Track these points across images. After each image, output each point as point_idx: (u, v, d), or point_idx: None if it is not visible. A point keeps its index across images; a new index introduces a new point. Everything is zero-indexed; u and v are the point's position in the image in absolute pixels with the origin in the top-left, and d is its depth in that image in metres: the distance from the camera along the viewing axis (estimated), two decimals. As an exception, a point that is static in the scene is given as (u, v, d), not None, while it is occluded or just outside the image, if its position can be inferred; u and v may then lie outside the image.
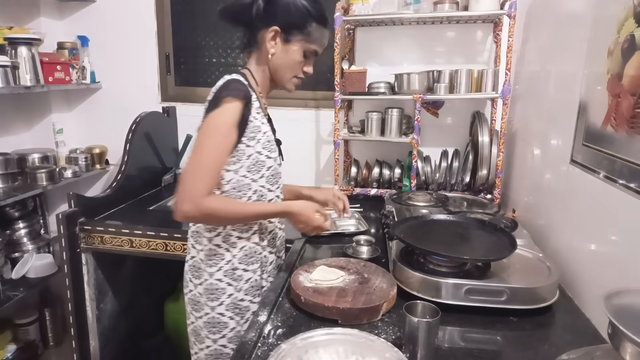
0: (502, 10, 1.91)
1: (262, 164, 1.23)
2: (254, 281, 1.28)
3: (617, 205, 1.06)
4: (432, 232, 1.32)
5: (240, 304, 1.26)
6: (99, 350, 2.08)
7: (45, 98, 2.58)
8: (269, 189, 1.27)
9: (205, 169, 1.12)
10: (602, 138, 1.15)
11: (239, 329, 1.26)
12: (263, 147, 1.22)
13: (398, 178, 2.21)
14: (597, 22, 1.24)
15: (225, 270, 1.24)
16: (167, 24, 2.63)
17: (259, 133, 1.21)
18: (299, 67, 1.24)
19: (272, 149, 1.25)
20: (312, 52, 1.23)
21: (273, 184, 1.28)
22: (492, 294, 1.08)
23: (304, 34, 1.19)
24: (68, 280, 1.93)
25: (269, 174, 1.26)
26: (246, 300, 1.27)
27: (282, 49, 1.20)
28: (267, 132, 1.23)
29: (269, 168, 1.25)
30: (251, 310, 1.27)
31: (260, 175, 1.24)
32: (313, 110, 2.46)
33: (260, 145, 1.21)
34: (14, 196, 2.03)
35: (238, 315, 1.26)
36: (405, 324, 0.90)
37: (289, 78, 1.25)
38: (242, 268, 1.26)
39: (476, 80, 2.00)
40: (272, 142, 1.26)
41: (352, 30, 2.30)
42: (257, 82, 1.26)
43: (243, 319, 1.27)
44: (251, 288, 1.27)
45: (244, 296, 1.26)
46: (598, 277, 1.14)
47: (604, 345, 0.89)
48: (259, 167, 1.23)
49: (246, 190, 1.22)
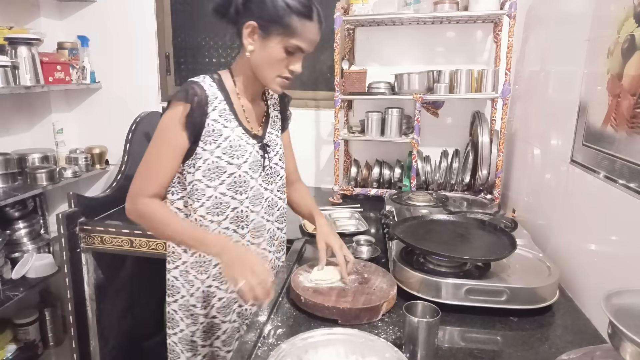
0: (502, 10, 1.91)
1: (221, 169, 1.15)
2: (202, 292, 1.23)
3: (617, 205, 1.06)
4: (432, 232, 1.32)
5: (191, 309, 1.25)
6: (99, 350, 2.08)
7: (45, 98, 2.58)
8: (232, 196, 1.18)
9: (146, 170, 1.13)
10: (602, 138, 1.15)
11: (187, 331, 1.26)
12: (223, 152, 1.15)
13: (398, 178, 2.21)
14: (597, 22, 1.24)
15: (180, 270, 1.24)
16: (167, 24, 2.63)
17: (219, 137, 1.14)
18: (281, 65, 1.12)
19: (236, 154, 1.16)
20: (296, 47, 1.09)
21: (238, 192, 1.18)
22: (492, 294, 1.08)
23: (283, 28, 1.07)
24: (68, 280, 1.93)
25: (231, 181, 1.17)
26: (198, 307, 1.24)
27: (260, 45, 1.10)
28: (230, 137, 1.15)
29: (230, 175, 1.16)
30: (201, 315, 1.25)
31: (220, 181, 1.16)
32: (313, 110, 2.46)
33: (220, 150, 1.14)
34: (14, 196, 2.03)
35: (189, 319, 1.25)
36: (405, 324, 0.90)
37: (272, 77, 1.13)
38: (193, 275, 1.23)
39: (476, 80, 2.00)
40: (237, 148, 1.16)
41: (352, 30, 2.30)
42: (237, 82, 1.20)
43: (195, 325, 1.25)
44: (200, 295, 1.24)
45: (195, 302, 1.24)
46: (598, 277, 1.14)
47: (604, 345, 0.89)
48: (218, 173, 1.15)
49: (199, 196, 1.16)
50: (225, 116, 1.15)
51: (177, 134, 1.10)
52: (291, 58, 1.11)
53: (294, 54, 1.11)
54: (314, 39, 1.12)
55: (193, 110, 1.10)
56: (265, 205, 1.26)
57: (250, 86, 1.21)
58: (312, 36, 1.11)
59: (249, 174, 1.19)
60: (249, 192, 1.20)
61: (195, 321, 1.25)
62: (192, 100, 1.10)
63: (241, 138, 1.18)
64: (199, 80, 1.15)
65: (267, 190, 1.26)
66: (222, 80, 1.19)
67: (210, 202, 1.17)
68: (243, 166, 1.17)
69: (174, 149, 1.11)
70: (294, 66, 1.13)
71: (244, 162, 1.18)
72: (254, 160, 1.20)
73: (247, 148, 1.18)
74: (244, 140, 1.18)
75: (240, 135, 1.18)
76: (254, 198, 1.22)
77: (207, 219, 1.18)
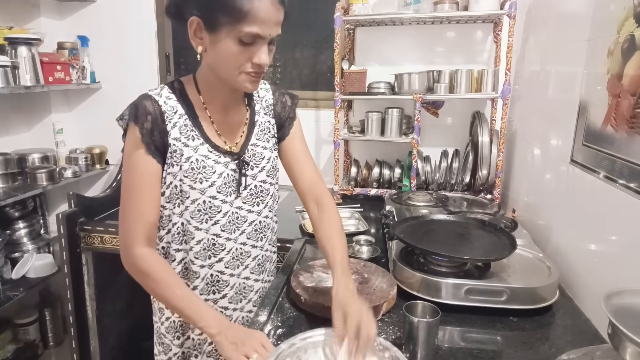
0: (502, 10, 1.91)
1: (184, 194, 1.00)
2: (173, 322, 1.13)
3: (617, 205, 1.06)
4: (432, 232, 1.32)
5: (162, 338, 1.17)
6: (99, 350, 2.08)
7: (45, 98, 2.58)
8: (196, 226, 1.03)
9: (130, 212, 0.99)
10: (602, 138, 1.15)
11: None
12: (185, 176, 0.99)
13: (398, 178, 2.21)
14: (597, 22, 1.24)
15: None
16: (167, 24, 2.63)
17: (181, 158, 0.99)
18: (241, 59, 0.91)
19: (199, 178, 1.00)
20: (250, 35, 0.88)
21: (202, 221, 1.03)
22: (492, 294, 1.08)
23: (228, 16, 0.86)
24: (68, 280, 1.93)
25: (194, 208, 1.01)
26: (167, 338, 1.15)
27: (210, 41, 0.91)
28: (191, 158, 0.99)
29: (193, 201, 1.01)
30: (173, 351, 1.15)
31: (184, 207, 1.01)
32: (313, 110, 2.46)
33: (181, 172, 0.99)
34: (14, 196, 2.03)
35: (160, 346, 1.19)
36: (405, 324, 0.90)
37: (234, 76, 0.94)
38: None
39: (476, 80, 2.00)
40: (200, 170, 1.00)
41: (352, 30, 2.30)
42: (202, 90, 1.02)
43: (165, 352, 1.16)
44: (171, 328, 1.14)
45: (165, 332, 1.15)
46: (598, 277, 1.15)
47: (604, 345, 0.89)
48: (181, 199, 1.01)
49: (166, 223, 1.04)
50: (186, 133, 1.00)
51: (142, 160, 0.96)
52: (251, 48, 0.90)
53: (253, 43, 0.90)
54: (271, 18, 0.88)
55: (149, 131, 0.96)
56: (249, 230, 1.10)
57: (217, 93, 1.02)
58: (267, 15, 0.87)
59: (219, 197, 1.03)
60: (221, 219, 1.05)
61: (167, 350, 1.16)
62: (144, 120, 0.96)
63: (207, 157, 1.01)
64: (153, 94, 1.00)
65: (251, 212, 1.09)
66: (185, 89, 1.03)
67: (175, 229, 1.04)
68: (209, 190, 1.02)
69: (148, 177, 0.98)
70: (257, 58, 0.91)
71: (210, 185, 1.02)
72: (227, 181, 1.04)
73: (215, 168, 1.02)
74: (212, 160, 1.02)
75: (206, 154, 1.01)
76: (229, 224, 1.06)
77: (172, 247, 1.06)
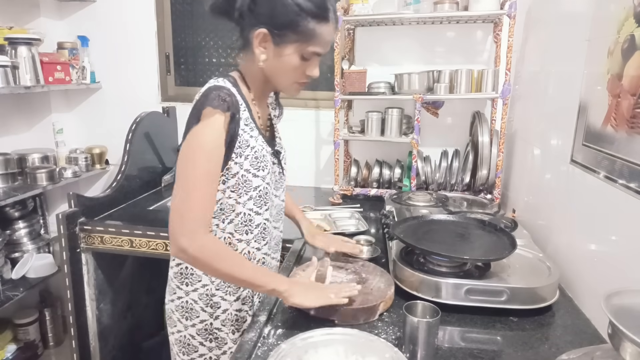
0: (502, 10, 1.91)
1: (249, 184, 1.08)
2: (230, 314, 1.16)
3: (617, 205, 1.06)
4: (432, 232, 1.32)
5: (216, 332, 1.17)
6: (99, 350, 2.08)
7: (45, 98, 2.58)
8: (257, 211, 1.12)
9: (200, 199, 0.99)
10: (602, 138, 1.15)
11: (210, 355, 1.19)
12: (250, 165, 1.06)
13: (398, 178, 2.21)
14: (597, 22, 1.24)
15: (200, 293, 1.15)
16: (167, 24, 2.63)
17: (247, 149, 1.06)
18: (298, 72, 1.04)
19: (261, 166, 1.09)
20: (312, 53, 1.01)
21: (261, 205, 1.12)
22: (492, 294, 1.08)
23: (298, 35, 0.98)
24: (68, 280, 1.93)
25: (256, 194, 1.10)
26: (223, 331, 1.17)
27: (274, 53, 1.01)
28: (255, 147, 1.07)
29: (256, 188, 1.09)
30: (228, 344, 1.18)
31: (248, 197, 1.09)
32: (313, 110, 2.46)
33: (247, 162, 1.06)
34: (14, 196, 2.03)
35: (212, 342, 1.19)
36: (405, 324, 0.90)
37: (289, 85, 1.07)
38: (220, 296, 1.15)
39: (476, 80, 2.00)
40: (262, 159, 1.09)
41: (352, 30, 2.30)
42: (250, 86, 1.11)
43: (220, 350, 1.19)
44: (227, 320, 1.17)
45: (220, 325, 1.17)
46: (598, 277, 1.14)
47: (604, 345, 0.89)
48: (246, 188, 1.08)
49: (229, 213, 1.09)
50: (249, 124, 1.07)
51: (217, 149, 1.00)
52: (308, 63, 1.04)
53: (311, 59, 1.03)
54: (331, 40, 1.03)
55: (233, 119, 1.00)
56: (274, 213, 1.21)
57: (264, 92, 1.15)
58: (329, 38, 1.02)
59: (271, 185, 1.14)
60: (271, 206, 1.16)
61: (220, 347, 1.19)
62: (229, 107, 0.99)
63: (263, 148, 1.10)
64: (225, 85, 1.03)
65: (276, 197, 1.21)
66: (238, 84, 1.09)
67: (239, 219, 1.10)
68: (267, 178, 1.11)
69: (216, 166, 1.00)
70: (311, 71, 1.05)
71: (267, 173, 1.11)
72: (272, 170, 1.15)
73: (267, 158, 1.11)
74: (265, 150, 1.11)
75: (262, 144, 1.10)
76: (275, 213, 1.19)
77: (235, 237, 1.12)
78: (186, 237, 0.97)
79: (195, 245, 0.97)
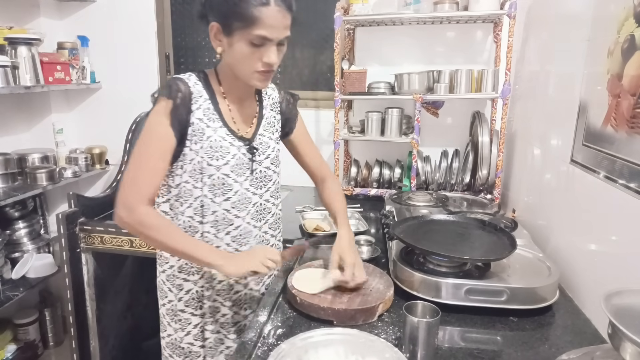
0: (502, 10, 1.91)
1: (204, 170, 1.13)
2: (194, 293, 1.22)
3: (617, 205, 1.06)
4: (432, 232, 1.32)
5: (179, 314, 1.24)
6: (99, 350, 2.08)
7: (45, 98, 2.58)
8: (212, 199, 1.15)
9: (139, 173, 1.07)
10: (602, 138, 1.15)
11: (175, 336, 1.25)
12: (205, 153, 1.12)
13: (398, 178, 2.21)
14: (597, 22, 1.24)
15: (168, 274, 1.24)
16: (167, 24, 2.63)
17: (203, 137, 1.11)
18: (253, 59, 1.04)
19: (216, 156, 1.13)
20: (259, 38, 1.01)
21: (217, 194, 1.15)
22: (492, 294, 1.08)
23: (242, 21, 1.00)
24: (68, 280, 1.93)
25: (211, 182, 1.14)
26: (186, 312, 1.23)
27: (227, 44, 1.06)
28: (212, 137, 1.12)
29: (210, 176, 1.13)
30: (192, 323, 1.24)
31: (203, 183, 1.13)
32: (313, 110, 2.46)
33: (203, 150, 1.11)
34: (14, 196, 2.03)
35: (177, 323, 1.25)
36: (405, 324, 0.90)
37: (248, 74, 1.08)
38: (182, 277, 1.22)
39: (476, 80, 2.00)
40: (218, 149, 1.13)
41: (352, 30, 2.30)
42: (222, 82, 1.16)
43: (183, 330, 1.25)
44: (192, 300, 1.23)
45: (183, 307, 1.23)
46: (598, 277, 1.14)
47: (604, 345, 0.89)
48: (201, 175, 1.13)
49: (187, 197, 1.15)
50: (208, 115, 1.13)
51: (164, 131, 1.07)
52: (261, 49, 1.03)
53: (263, 45, 1.03)
54: (278, 23, 1.01)
55: (177, 106, 1.07)
56: (253, 210, 1.22)
57: (235, 86, 1.16)
58: (274, 21, 1.01)
59: (231, 176, 1.16)
60: (232, 196, 1.17)
61: (184, 327, 1.24)
62: (176, 96, 1.07)
63: (224, 139, 1.14)
64: (184, 77, 1.13)
65: (255, 195, 1.21)
66: (209, 79, 1.16)
67: (197, 203, 1.15)
68: (223, 168, 1.14)
69: (163, 146, 1.08)
70: (267, 57, 1.04)
71: (225, 164, 1.14)
72: (239, 162, 1.16)
73: (230, 150, 1.15)
74: (228, 142, 1.14)
75: (224, 136, 1.14)
76: (239, 202, 1.18)
77: (195, 219, 1.16)
78: (125, 208, 1.05)
79: (132, 216, 1.05)
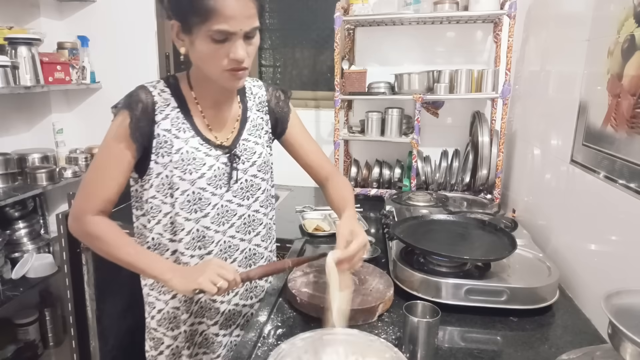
0: (502, 10, 1.91)
1: (174, 185, 1.04)
2: (166, 313, 1.17)
3: (617, 205, 1.06)
4: (432, 232, 1.32)
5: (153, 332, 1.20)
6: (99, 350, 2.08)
7: (45, 98, 2.58)
8: (186, 217, 1.06)
9: (90, 187, 1.04)
10: (602, 138, 1.15)
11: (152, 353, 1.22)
12: (175, 167, 1.03)
13: (398, 178, 2.21)
14: (597, 22, 1.24)
15: (151, 284, 1.19)
16: (167, 24, 2.62)
17: (171, 149, 1.03)
18: (219, 58, 0.95)
19: (189, 169, 1.04)
20: (220, 32, 0.91)
21: (192, 211, 1.06)
22: (492, 294, 1.08)
23: (199, 16, 0.90)
24: (68, 280, 1.93)
25: (184, 199, 1.05)
26: (159, 332, 1.19)
27: (189, 42, 0.96)
28: (182, 149, 1.03)
29: (183, 192, 1.04)
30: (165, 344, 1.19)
31: (174, 199, 1.05)
32: (313, 110, 2.46)
33: (172, 164, 1.03)
34: (14, 196, 2.03)
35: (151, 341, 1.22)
36: (405, 324, 0.90)
37: (217, 73, 0.98)
38: (154, 296, 1.18)
39: (476, 80, 2.00)
40: (190, 162, 1.04)
41: (352, 30, 2.30)
42: (194, 87, 1.07)
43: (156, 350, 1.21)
44: (164, 320, 1.17)
45: (156, 326, 1.19)
46: (598, 277, 1.15)
47: (604, 345, 0.89)
48: (172, 190, 1.05)
49: (155, 213, 1.08)
50: (177, 125, 1.04)
51: (121, 146, 1.01)
52: (226, 45, 0.93)
53: (227, 40, 0.93)
54: (238, 14, 0.91)
55: (137, 118, 1.01)
56: (238, 223, 1.13)
57: (208, 89, 1.06)
58: (233, 12, 0.90)
59: (209, 190, 1.07)
60: (210, 211, 1.08)
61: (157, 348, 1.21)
62: (135, 107, 1.01)
63: (197, 149, 1.05)
64: (149, 85, 1.05)
65: (241, 206, 1.13)
66: (179, 84, 1.07)
67: (166, 220, 1.08)
68: (198, 182, 1.05)
69: (118, 162, 1.02)
70: (233, 53, 0.93)
71: (199, 177, 1.05)
72: (217, 173, 1.07)
73: (205, 161, 1.06)
74: (202, 152, 1.06)
75: (197, 146, 1.05)
76: (219, 217, 1.10)
77: (165, 237, 1.09)
78: (73, 218, 1.05)
79: (79, 225, 1.04)
